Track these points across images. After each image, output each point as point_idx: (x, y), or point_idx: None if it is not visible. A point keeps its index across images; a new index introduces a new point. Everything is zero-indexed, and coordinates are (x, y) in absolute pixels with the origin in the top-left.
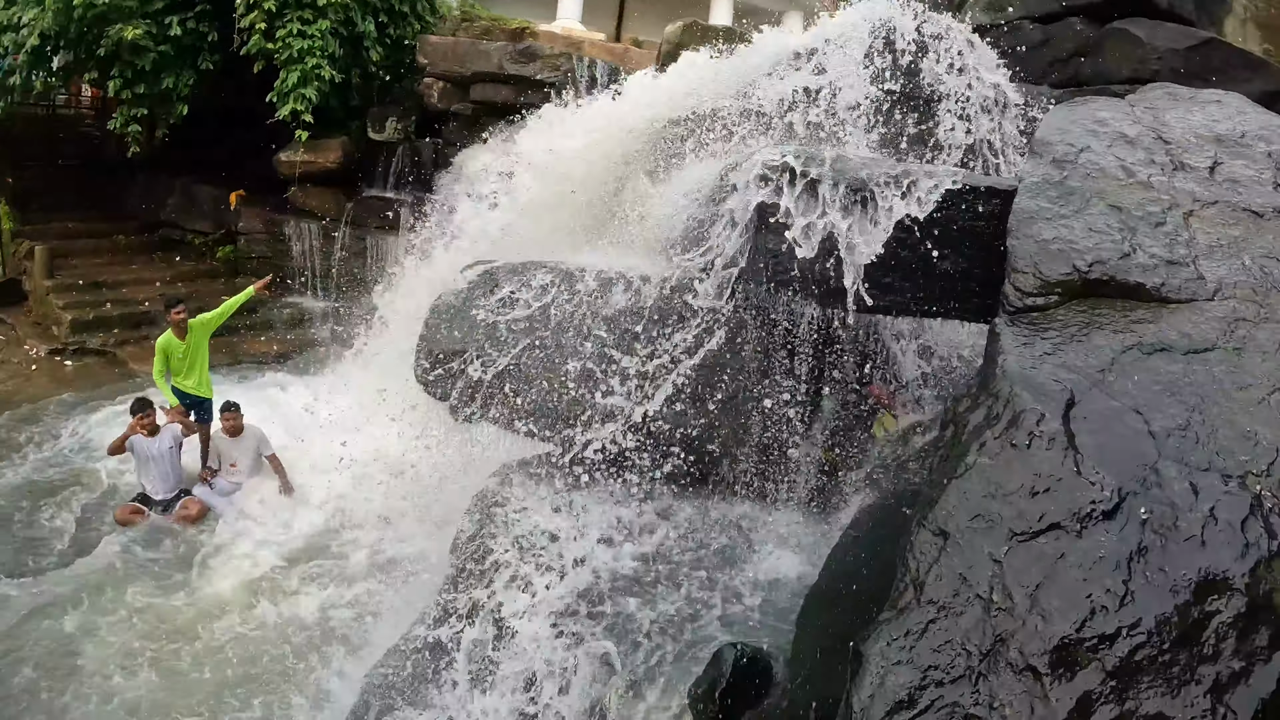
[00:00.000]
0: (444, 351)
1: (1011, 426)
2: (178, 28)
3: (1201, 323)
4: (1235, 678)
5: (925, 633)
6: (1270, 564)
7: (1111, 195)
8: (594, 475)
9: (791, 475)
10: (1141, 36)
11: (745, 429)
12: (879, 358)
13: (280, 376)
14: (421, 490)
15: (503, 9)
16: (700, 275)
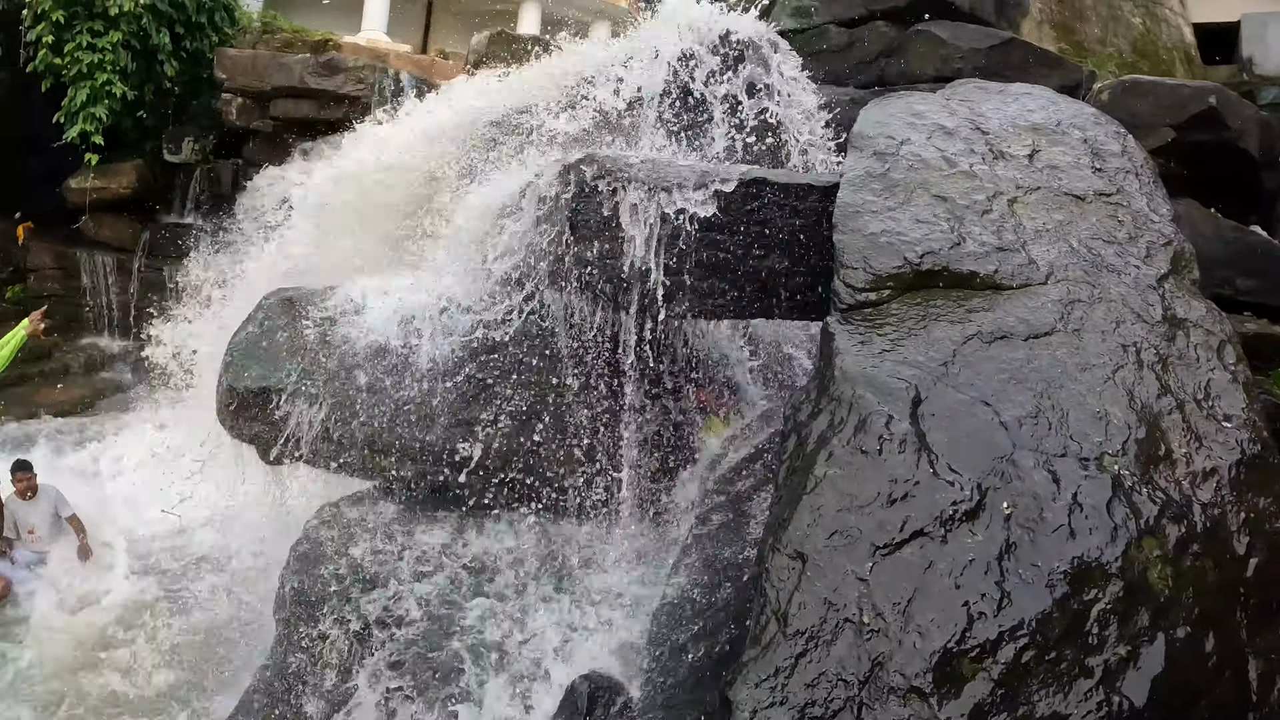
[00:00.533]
0: (246, 390)
1: (859, 431)
2: None
3: (1038, 307)
4: (1123, 663)
5: (796, 668)
6: (1140, 543)
7: (936, 186)
8: (418, 507)
9: (621, 487)
10: (944, 37)
11: (570, 443)
12: (703, 359)
13: (79, 427)
14: (242, 541)
15: (306, 20)
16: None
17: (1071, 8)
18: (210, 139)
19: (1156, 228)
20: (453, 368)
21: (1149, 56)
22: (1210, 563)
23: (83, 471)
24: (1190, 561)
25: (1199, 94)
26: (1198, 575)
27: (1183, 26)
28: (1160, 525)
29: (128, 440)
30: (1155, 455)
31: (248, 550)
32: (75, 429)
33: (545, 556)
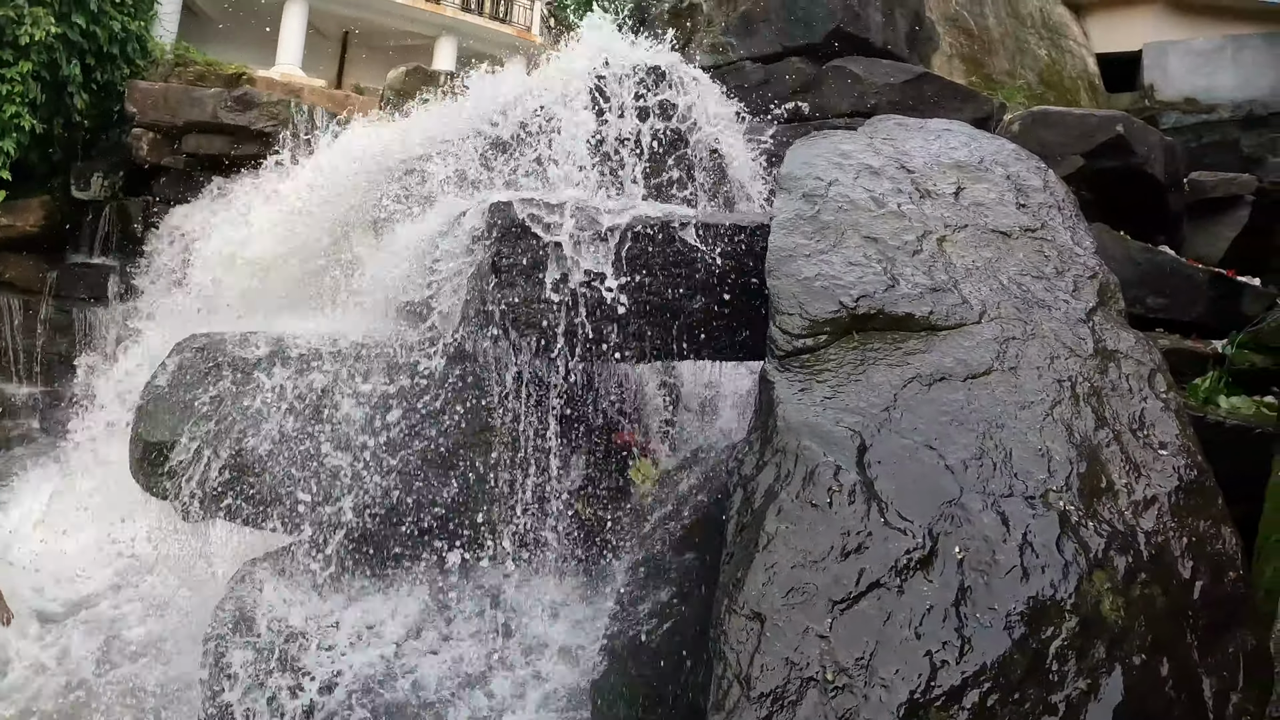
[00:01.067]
0: (160, 443)
1: (807, 483)
2: None
3: (974, 347)
4: (1084, 696)
5: None
6: (1091, 577)
7: (866, 226)
8: (343, 560)
9: (548, 535)
10: (859, 73)
11: (492, 490)
12: (626, 400)
13: None
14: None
15: (219, 53)
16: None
17: (980, 42)
18: (120, 175)
19: (1082, 261)
20: (371, 414)
21: (1055, 86)
22: (1158, 589)
23: None
24: (1140, 590)
25: (1106, 123)
26: (1147, 603)
27: (1086, 57)
28: (1109, 557)
29: (34, 494)
30: (1098, 488)
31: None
32: None
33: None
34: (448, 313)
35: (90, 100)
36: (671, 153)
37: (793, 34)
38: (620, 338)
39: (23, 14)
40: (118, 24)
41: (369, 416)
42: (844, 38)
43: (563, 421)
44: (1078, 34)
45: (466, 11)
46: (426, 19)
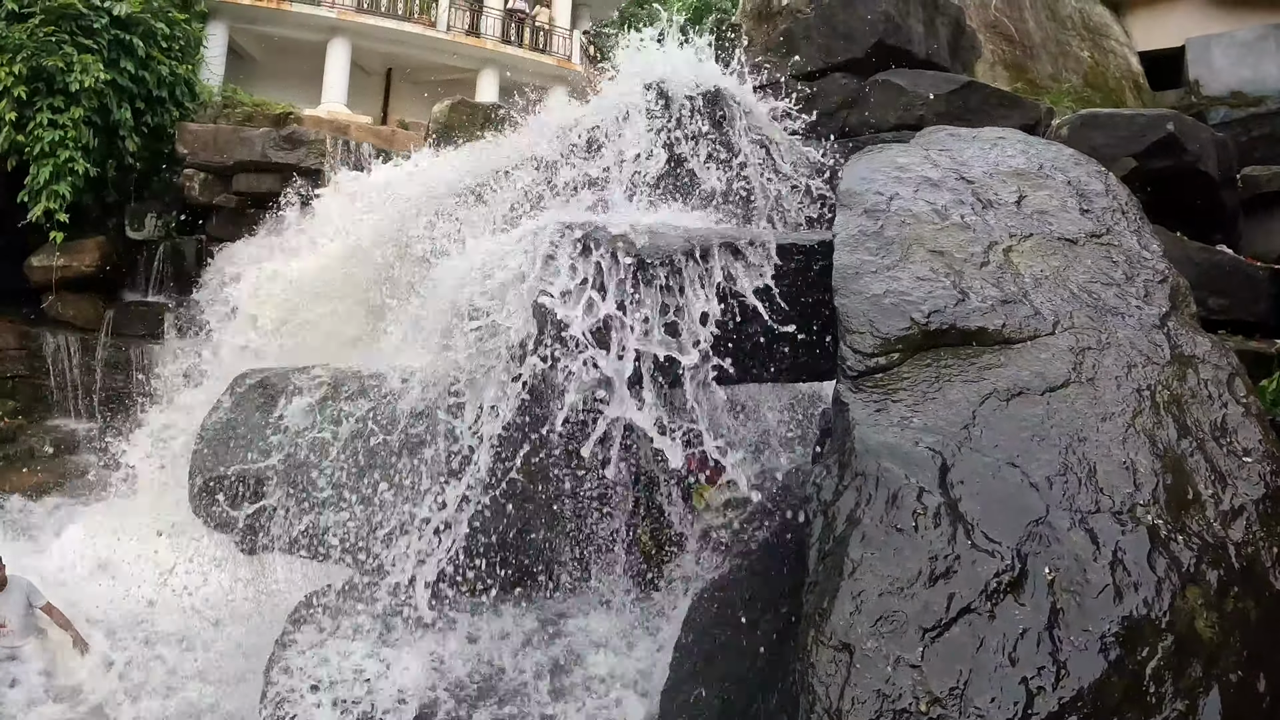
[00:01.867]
0: (220, 476)
1: (890, 507)
2: None
3: (1050, 359)
4: (1183, 718)
5: None
6: (1184, 593)
7: (930, 240)
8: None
9: (612, 565)
10: (904, 85)
11: (555, 521)
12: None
13: (46, 512)
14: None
15: (266, 93)
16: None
17: (1022, 47)
18: (173, 215)
19: (1150, 265)
20: (427, 449)
21: (1100, 88)
22: (1251, 602)
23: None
24: (1233, 604)
25: (1156, 122)
26: (1241, 617)
27: (1129, 56)
28: (1200, 571)
29: (97, 527)
30: (1185, 499)
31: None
32: (43, 513)
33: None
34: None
35: (142, 143)
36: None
37: (835, 50)
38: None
39: (72, 62)
40: (166, 69)
41: (424, 452)
42: (886, 50)
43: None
44: (1119, 33)
45: (506, 43)
46: (468, 52)
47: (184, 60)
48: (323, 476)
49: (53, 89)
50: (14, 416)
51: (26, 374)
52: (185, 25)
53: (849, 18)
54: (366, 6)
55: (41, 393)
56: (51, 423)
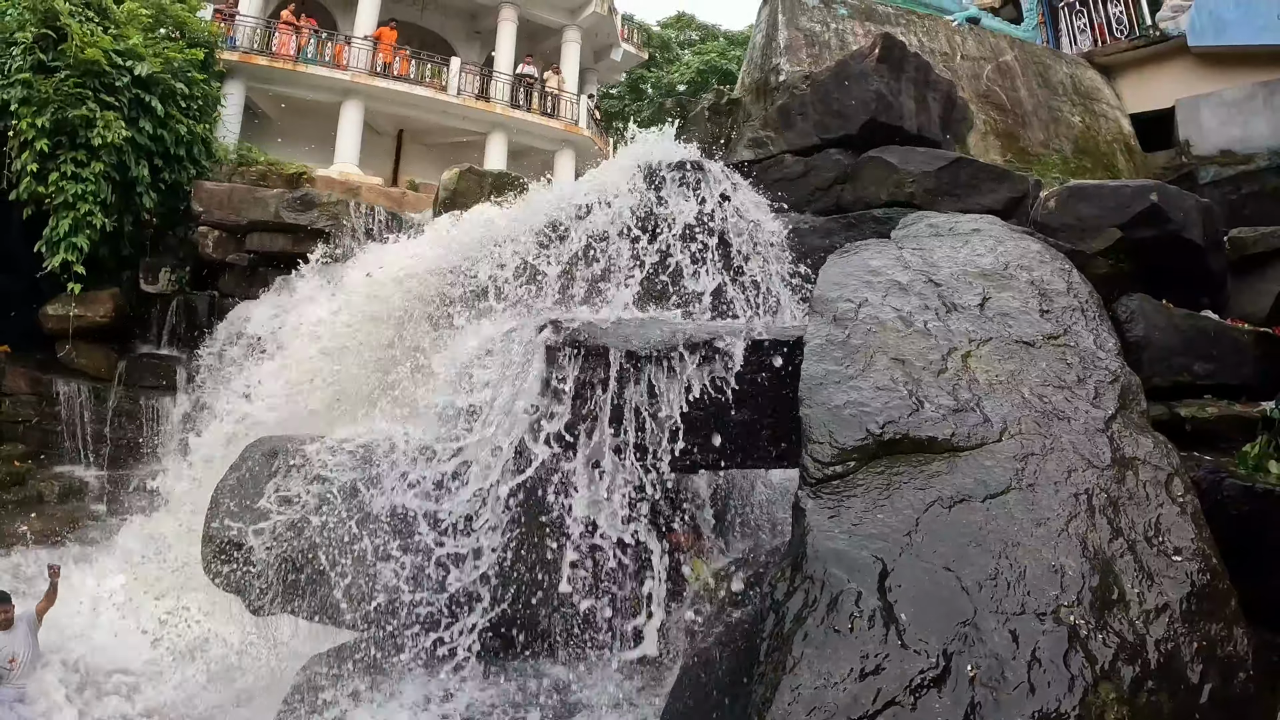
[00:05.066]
0: (230, 540)
1: (831, 610)
2: None
3: (994, 466)
4: None
5: None
6: (1096, 689)
7: (893, 348)
8: (405, 658)
9: (606, 632)
10: (895, 163)
11: (551, 591)
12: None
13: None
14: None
15: (280, 152)
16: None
17: (1014, 115)
18: (186, 270)
19: (1104, 365)
20: (433, 518)
21: (1091, 153)
22: (1165, 696)
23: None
24: (1146, 698)
25: (1140, 193)
26: (1153, 710)
27: (1121, 119)
28: (1115, 668)
29: (102, 575)
30: (1109, 599)
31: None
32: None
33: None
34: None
35: (158, 199)
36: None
37: (829, 126)
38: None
39: (95, 118)
40: (184, 127)
41: (430, 519)
42: (879, 127)
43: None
44: (1110, 97)
45: (515, 108)
46: (478, 116)
47: (201, 119)
48: (327, 543)
49: (75, 143)
50: (24, 461)
51: (37, 419)
52: (204, 85)
53: (843, 96)
54: (379, 70)
55: (51, 439)
56: (60, 469)
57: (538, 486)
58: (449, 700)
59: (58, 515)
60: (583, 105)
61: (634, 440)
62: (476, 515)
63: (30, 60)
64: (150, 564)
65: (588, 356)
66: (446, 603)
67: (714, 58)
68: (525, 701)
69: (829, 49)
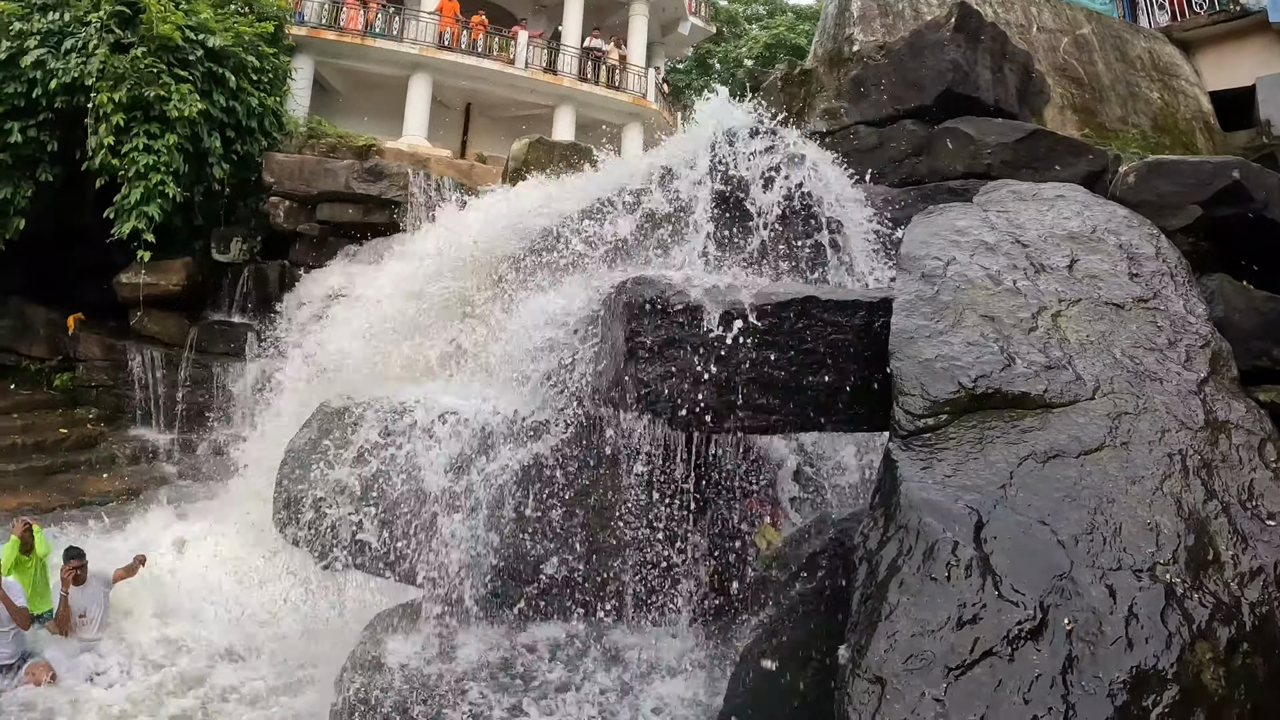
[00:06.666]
0: (301, 496)
1: (927, 559)
2: (18, 134)
3: (1087, 423)
4: None
5: None
6: (1194, 647)
7: (983, 305)
8: (471, 615)
9: (676, 596)
10: (972, 134)
11: (623, 551)
12: (754, 468)
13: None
14: (290, 645)
15: (348, 125)
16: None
17: (1091, 90)
18: (257, 240)
19: (1194, 329)
20: (504, 479)
21: (1169, 130)
22: (1260, 659)
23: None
24: (1241, 660)
25: (1222, 169)
26: (1248, 672)
27: (1200, 96)
28: (1212, 628)
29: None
30: (1204, 560)
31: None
32: (122, 518)
33: (601, 667)
34: (581, 384)
35: (230, 170)
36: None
37: (904, 97)
38: (747, 411)
39: (171, 91)
40: (255, 100)
41: (499, 480)
42: (955, 98)
43: (690, 489)
44: (1188, 73)
45: (583, 81)
46: (545, 89)
47: (272, 92)
48: (396, 500)
49: (149, 116)
50: (96, 424)
51: (110, 384)
52: (274, 59)
53: (918, 66)
54: (447, 43)
55: (123, 403)
56: (132, 432)
57: (609, 448)
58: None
59: (129, 476)
60: (650, 78)
61: (713, 401)
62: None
63: (107, 39)
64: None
65: (671, 315)
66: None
67: (782, 32)
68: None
69: (903, 19)
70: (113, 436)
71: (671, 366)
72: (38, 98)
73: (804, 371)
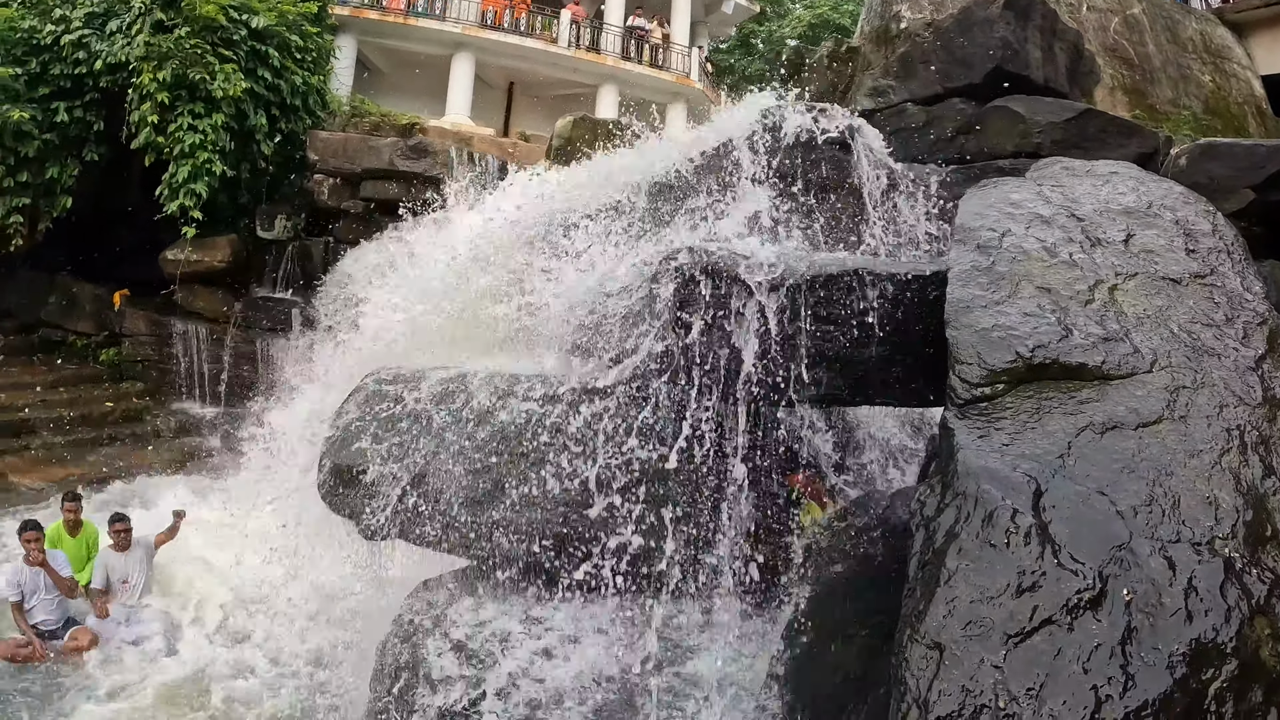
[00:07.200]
0: (347, 465)
1: (986, 525)
2: (64, 114)
3: (1146, 396)
4: None
5: None
6: (1253, 622)
7: (1039, 277)
8: (516, 585)
9: (720, 571)
10: (1022, 112)
11: (665, 527)
12: (799, 445)
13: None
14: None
15: (391, 104)
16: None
17: (1142, 71)
18: (301, 217)
19: (1251, 307)
20: (553, 450)
21: (1221, 114)
22: None
23: None
24: None
25: (1275, 153)
26: None
27: (1252, 80)
28: (1270, 604)
29: (214, 504)
30: (1263, 535)
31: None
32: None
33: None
34: (628, 355)
35: (275, 148)
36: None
37: (952, 74)
38: (799, 384)
39: (215, 71)
40: (299, 78)
41: (544, 451)
42: (1004, 76)
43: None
44: (1241, 56)
45: (626, 60)
46: (588, 68)
47: (315, 71)
48: (441, 471)
49: (194, 95)
50: (142, 397)
51: (155, 359)
52: (317, 38)
53: (967, 43)
54: (490, 22)
55: (168, 377)
56: (177, 405)
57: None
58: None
59: (174, 449)
60: (694, 57)
61: (764, 374)
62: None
63: (150, 20)
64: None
65: (721, 285)
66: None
67: (826, 11)
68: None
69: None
70: (157, 410)
71: (720, 337)
72: (83, 77)
73: (855, 344)
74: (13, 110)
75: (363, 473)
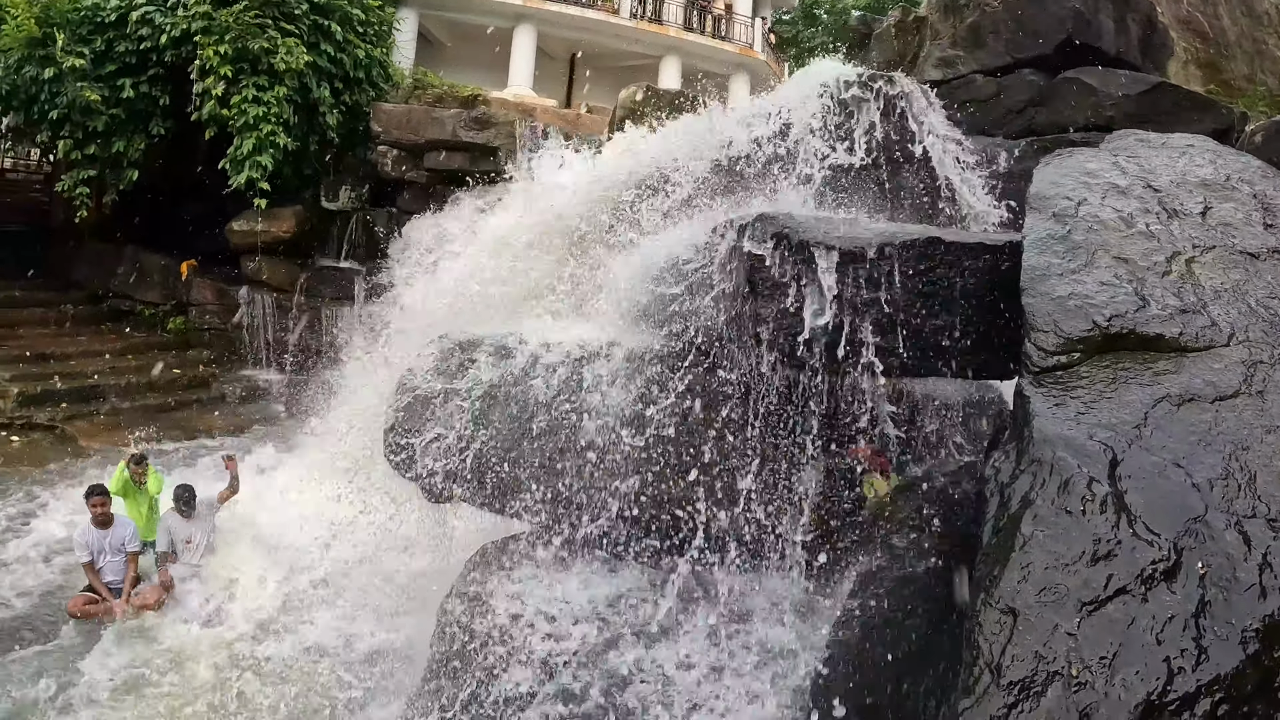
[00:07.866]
0: (412, 430)
1: (1062, 492)
2: (130, 90)
3: (1223, 369)
4: None
5: (1008, 717)
6: None
7: (1116, 247)
8: (577, 552)
9: (782, 541)
10: (1094, 84)
11: (729, 495)
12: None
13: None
14: (393, 573)
15: (454, 76)
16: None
17: (1216, 45)
18: (365, 188)
19: None
20: (619, 417)
21: None
22: None
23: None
24: None
25: None
26: None
27: None
28: None
29: (282, 467)
30: None
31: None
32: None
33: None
34: (702, 323)
35: (339, 120)
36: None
37: (1023, 45)
38: (869, 353)
39: (277, 44)
40: (361, 51)
41: (609, 420)
42: (1075, 48)
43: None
44: None
45: (689, 30)
46: (651, 39)
47: (378, 44)
48: (505, 434)
49: (257, 69)
50: (209, 365)
51: (221, 327)
52: (378, 11)
53: (1038, 13)
54: None
55: (234, 345)
56: (243, 373)
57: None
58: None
59: (239, 414)
60: (757, 28)
61: (832, 341)
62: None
63: None
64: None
65: (791, 253)
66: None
67: None
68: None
69: None
70: (224, 377)
71: (789, 304)
72: (147, 52)
73: (925, 315)
74: (87, 89)
75: (424, 435)
